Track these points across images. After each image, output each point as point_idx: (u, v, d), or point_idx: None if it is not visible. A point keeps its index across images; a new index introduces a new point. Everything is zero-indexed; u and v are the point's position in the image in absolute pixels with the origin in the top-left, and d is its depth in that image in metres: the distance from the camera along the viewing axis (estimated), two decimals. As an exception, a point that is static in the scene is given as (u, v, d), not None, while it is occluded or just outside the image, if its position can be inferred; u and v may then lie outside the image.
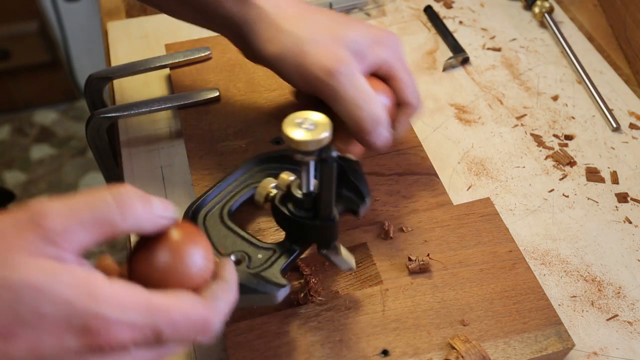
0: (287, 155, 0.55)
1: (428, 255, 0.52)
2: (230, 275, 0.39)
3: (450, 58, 0.75)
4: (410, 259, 0.52)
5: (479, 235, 0.54)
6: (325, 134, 0.41)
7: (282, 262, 0.47)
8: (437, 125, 0.69)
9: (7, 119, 2.00)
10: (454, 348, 0.47)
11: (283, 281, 0.45)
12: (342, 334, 0.48)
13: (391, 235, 0.54)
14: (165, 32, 0.77)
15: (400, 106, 0.55)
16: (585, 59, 0.76)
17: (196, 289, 0.37)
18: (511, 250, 0.53)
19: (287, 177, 0.47)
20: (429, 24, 0.81)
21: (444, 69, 0.75)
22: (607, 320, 0.53)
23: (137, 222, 0.34)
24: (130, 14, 0.81)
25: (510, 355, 0.47)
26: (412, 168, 0.60)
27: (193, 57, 0.68)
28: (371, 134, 0.51)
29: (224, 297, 0.37)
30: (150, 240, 0.37)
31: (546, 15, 0.80)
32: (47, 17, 1.79)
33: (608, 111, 0.70)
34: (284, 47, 0.51)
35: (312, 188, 0.46)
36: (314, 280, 0.52)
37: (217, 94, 0.65)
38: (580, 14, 0.82)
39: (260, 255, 0.48)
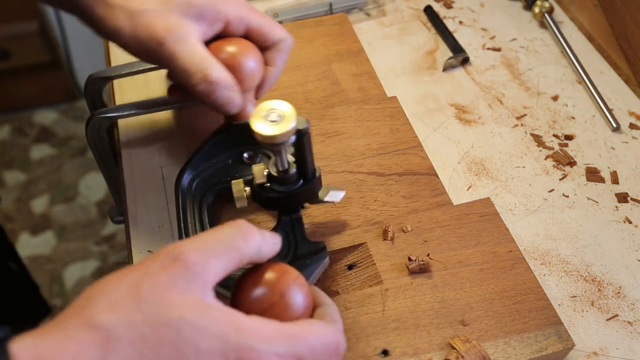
0: (209, 150, 0.55)
1: (428, 255, 0.52)
2: (328, 298, 0.41)
3: (450, 58, 0.75)
4: (410, 259, 0.52)
5: (479, 235, 0.54)
6: (293, 123, 0.43)
7: (300, 232, 0.49)
8: (437, 125, 0.69)
9: (7, 119, 2.00)
10: (454, 348, 0.47)
11: (319, 244, 0.48)
12: (342, 334, 0.48)
13: (391, 235, 0.54)
14: (165, 32, 0.77)
15: (272, 47, 0.54)
16: (585, 59, 0.76)
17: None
18: (511, 250, 0.53)
19: (260, 167, 0.49)
20: (429, 24, 0.81)
21: (444, 69, 0.75)
22: (607, 320, 0.53)
23: (258, 248, 0.38)
24: (130, 14, 0.81)
25: (510, 355, 0.47)
26: (412, 168, 0.60)
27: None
28: (211, 98, 0.49)
29: (339, 318, 0.40)
30: (253, 283, 0.38)
31: (546, 15, 0.80)
32: (47, 17, 1.79)
33: (608, 111, 0.70)
34: (118, 23, 0.50)
35: (287, 165, 0.48)
36: (314, 280, 0.53)
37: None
38: (580, 14, 0.82)
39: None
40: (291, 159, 0.48)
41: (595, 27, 0.80)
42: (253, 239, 0.37)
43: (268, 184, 0.49)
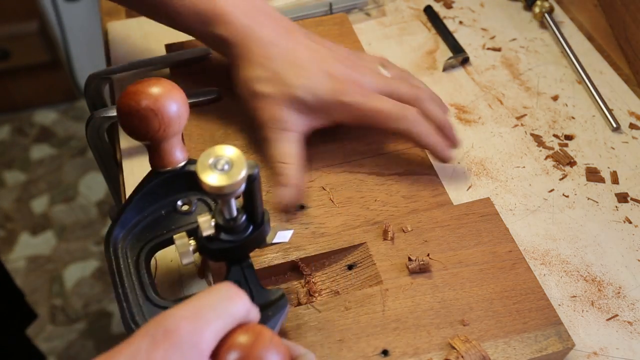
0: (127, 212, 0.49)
1: (428, 255, 0.52)
2: (302, 348, 0.40)
3: (450, 58, 0.75)
4: (410, 259, 0.52)
5: (479, 235, 0.54)
6: (243, 170, 0.40)
7: (253, 281, 0.46)
8: (437, 125, 0.69)
9: (7, 119, 2.00)
10: (454, 348, 0.47)
11: (277, 292, 0.45)
12: (342, 334, 0.48)
13: (391, 235, 0.54)
14: (165, 32, 0.77)
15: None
16: (585, 59, 0.76)
17: None
18: (511, 250, 0.53)
19: (206, 218, 0.44)
20: (429, 24, 0.81)
21: (444, 69, 0.75)
22: (607, 320, 0.53)
23: (248, 310, 0.36)
24: (130, 14, 0.81)
25: (510, 355, 0.47)
26: (412, 168, 0.60)
27: (193, 57, 0.68)
28: (278, 198, 0.56)
29: None
30: (226, 348, 0.35)
31: (546, 15, 0.80)
32: (47, 17, 1.79)
33: (608, 111, 0.70)
34: (241, 89, 0.58)
35: (235, 212, 0.44)
36: (313, 280, 0.53)
37: (217, 94, 0.65)
38: (580, 14, 0.82)
39: None
40: (238, 204, 0.45)
41: (595, 27, 0.80)
42: (242, 302, 0.36)
43: (216, 236, 0.45)
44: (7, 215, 1.76)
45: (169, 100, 0.46)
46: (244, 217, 0.45)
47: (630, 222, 0.60)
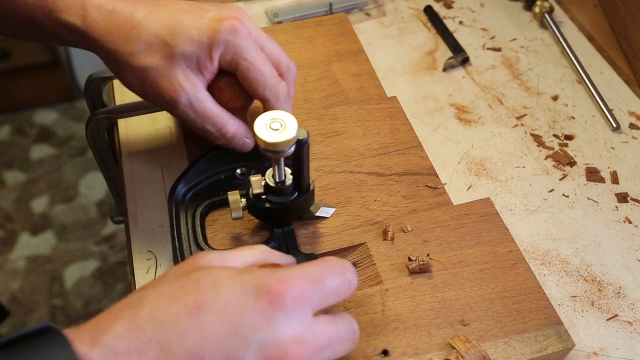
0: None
1: (428, 255, 0.52)
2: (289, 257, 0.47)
3: (450, 58, 0.75)
4: (410, 259, 0.52)
5: (479, 235, 0.54)
6: (294, 132, 0.45)
7: (292, 244, 0.52)
8: (437, 125, 0.69)
9: (7, 119, 2.00)
10: (454, 348, 0.47)
11: (312, 256, 0.52)
12: (342, 334, 0.48)
13: (391, 235, 0.54)
14: (165, 32, 0.77)
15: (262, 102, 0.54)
16: (585, 59, 0.76)
17: None
18: (511, 250, 0.53)
19: (258, 178, 0.51)
20: (429, 24, 0.81)
21: (444, 69, 0.75)
22: (607, 320, 0.53)
23: (263, 254, 0.43)
24: (130, 14, 0.81)
25: (510, 355, 0.47)
26: (412, 168, 0.60)
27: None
28: (230, 146, 0.55)
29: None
30: None
31: (546, 15, 0.80)
32: (47, 17, 1.79)
33: (608, 111, 0.70)
34: (128, 81, 0.52)
35: (284, 176, 0.50)
36: (314, 280, 0.53)
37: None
38: (580, 14, 0.82)
39: None
40: (288, 170, 0.50)
41: (595, 27, 0.81)
42: (260, 248, 0.44)
43: (264, 195, 0.51)
44: (7, 215, 1.76)
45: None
46: (290, 182, 0.50)
47: (630, 222, 0.60)
